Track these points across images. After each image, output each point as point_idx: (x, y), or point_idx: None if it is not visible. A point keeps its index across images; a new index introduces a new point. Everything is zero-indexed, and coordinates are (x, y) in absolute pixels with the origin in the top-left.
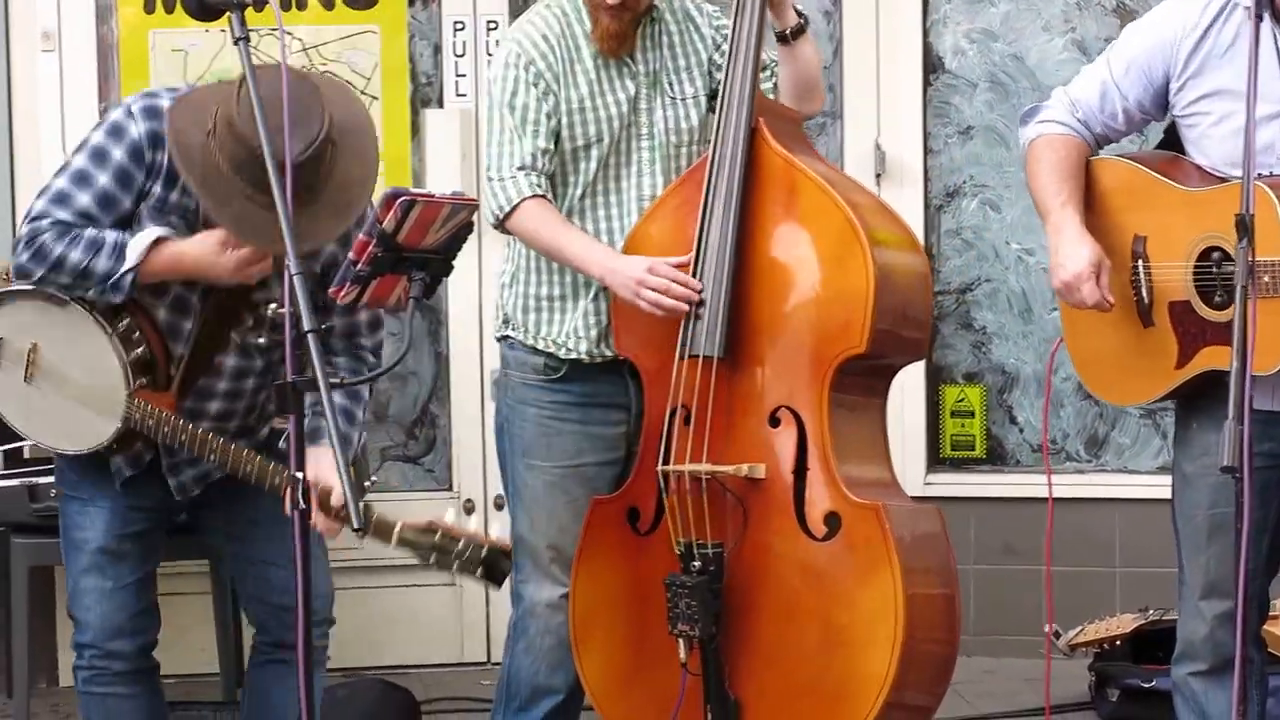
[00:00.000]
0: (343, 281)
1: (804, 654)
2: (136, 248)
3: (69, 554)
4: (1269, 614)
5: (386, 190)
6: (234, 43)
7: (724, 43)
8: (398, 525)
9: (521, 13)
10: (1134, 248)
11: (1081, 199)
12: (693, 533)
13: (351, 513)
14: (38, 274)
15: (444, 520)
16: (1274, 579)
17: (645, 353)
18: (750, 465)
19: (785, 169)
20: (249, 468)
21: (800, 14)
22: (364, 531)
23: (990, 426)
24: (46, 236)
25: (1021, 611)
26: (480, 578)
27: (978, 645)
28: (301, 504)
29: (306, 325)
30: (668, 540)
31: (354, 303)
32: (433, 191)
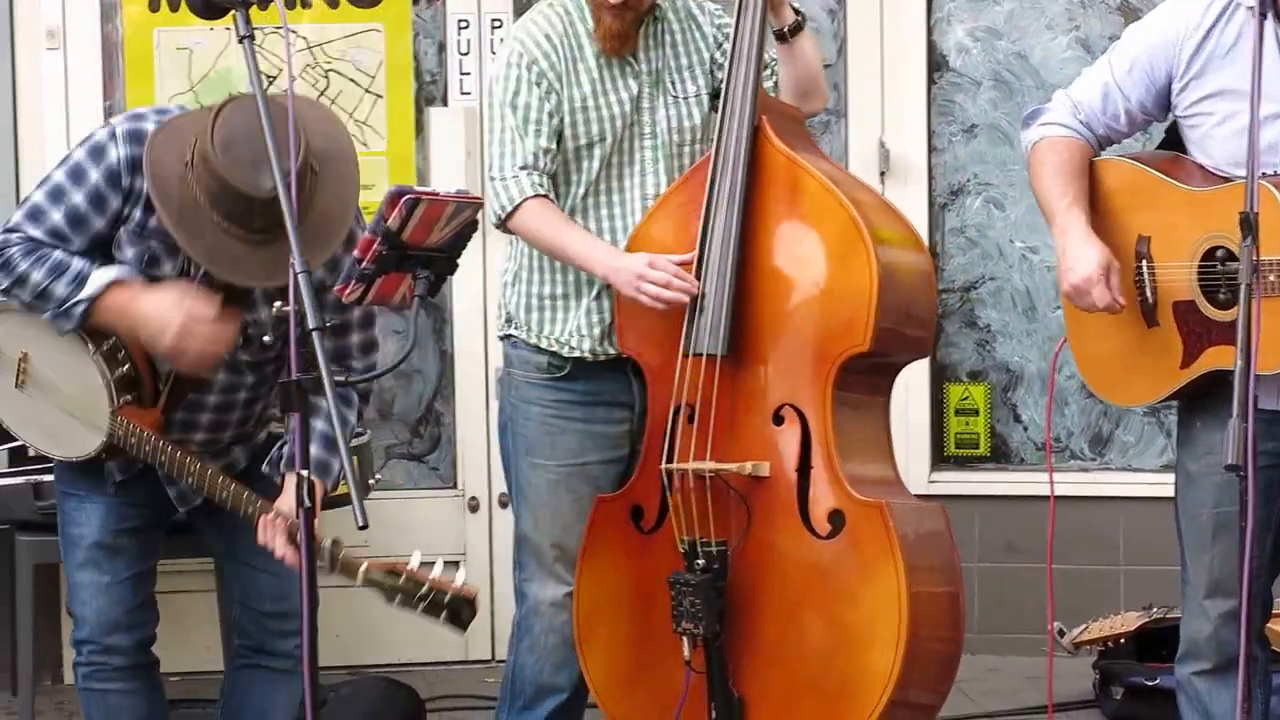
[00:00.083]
0: (347, 279)
1: (808, 652)
2: (96, 281)
3: (66, 549)
4: (1272, 612)
5: (391, 188)
6: (238, 41)
7: (725, 41)
8: (363, 565)
9: (526, 11)
10: (1138, 248)
11: (1087, 201)
12: (696, 531)
13: (357, 511)
14: (2, 286)
15: (408, 565)
16: (1278, 577)
17: (648, 351)
18: (754, 463)
19: (788, 167)
20: (224, 494)
21: (798, 11)
22: (335, 555)
23: (994, 424)
24: (15, 251)
25: (1026, 609)
26: (444, 621)
27: (982, 643)
28: (306, 501)
29: (312, 323)
30: (671, 538)
31: (358, 301)
32: (437, 190)
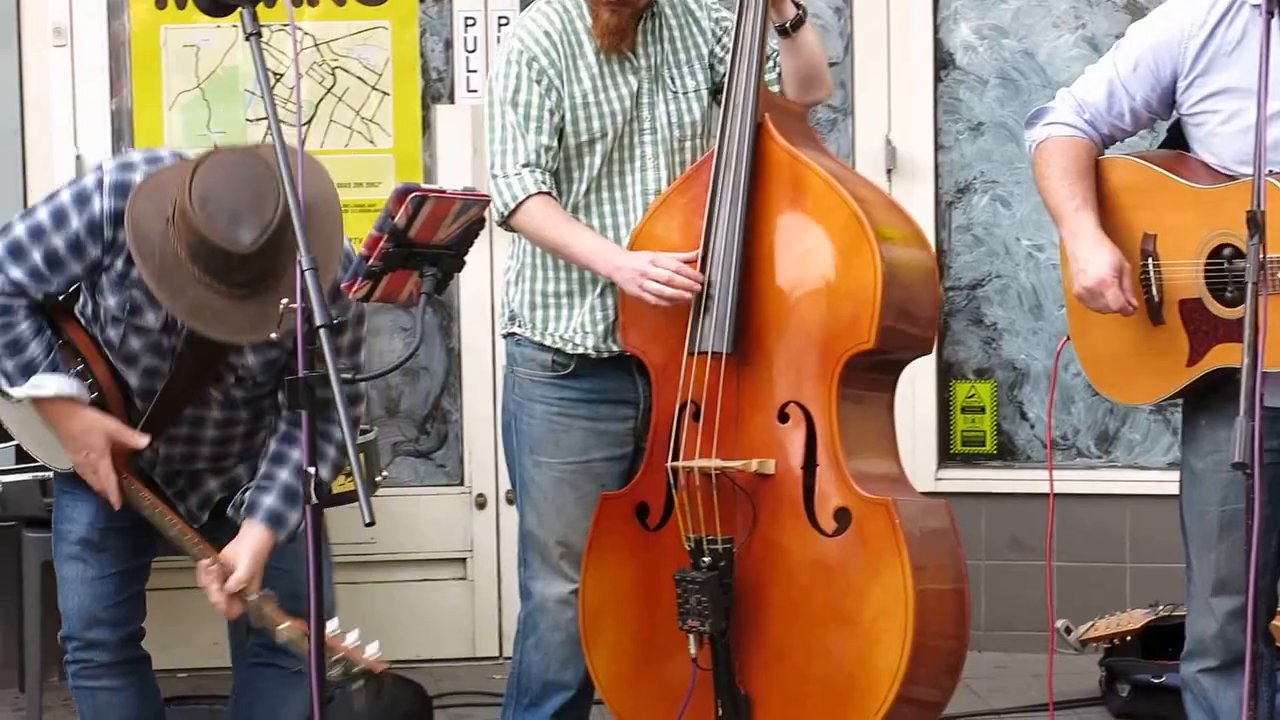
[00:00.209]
0: (354, 277)
1: (814, 649)
2: (40, 386)
3: (55, 544)
4: (1278, 609)
5: (398, 186)
6: (245, 38)
7: (724, 35)
8: (283, 625)
9: None
10: (1144, 246)
11: (1094, 201)
12: (702, 528)
13: (364, 507)
14: None
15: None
16: None
17: (652, 348)
18: (760, 460)
19: (791, 165)
20: (184, 539)
21: (799, 5)
22: (261, 609)
23: (1000, 422)
24: None
25: (1032, 607)
26: (353, 692)
27: (988, 640)
28: (314, 499)
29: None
30: (677, 536)
31: (365, 298)
32: (444, 187)
